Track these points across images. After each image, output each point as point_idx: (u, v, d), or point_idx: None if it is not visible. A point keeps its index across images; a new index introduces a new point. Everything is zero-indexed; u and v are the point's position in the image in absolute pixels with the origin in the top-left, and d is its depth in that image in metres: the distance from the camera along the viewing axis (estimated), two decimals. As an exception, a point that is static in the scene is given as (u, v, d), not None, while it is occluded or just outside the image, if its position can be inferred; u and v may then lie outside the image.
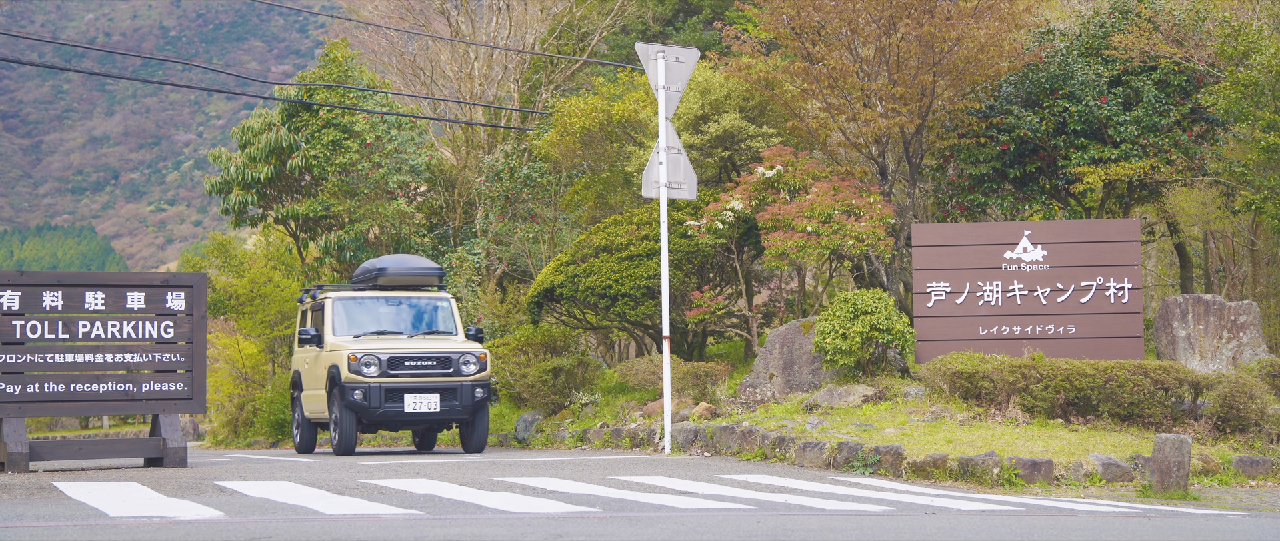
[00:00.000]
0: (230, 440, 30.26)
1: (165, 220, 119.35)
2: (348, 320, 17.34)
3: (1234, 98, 16.14)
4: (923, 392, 15.00)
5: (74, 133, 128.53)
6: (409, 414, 16.41)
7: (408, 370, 16.41)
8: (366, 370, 16.24)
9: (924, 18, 16.94)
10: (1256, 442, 13.44)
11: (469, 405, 16.61)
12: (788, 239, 16.93)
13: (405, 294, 17.90)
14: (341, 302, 17.52)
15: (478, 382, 16.71)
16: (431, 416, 16.57)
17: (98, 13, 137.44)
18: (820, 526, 8.25)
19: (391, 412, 16.31)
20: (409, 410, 16.36)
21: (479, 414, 16.88)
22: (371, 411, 16.21)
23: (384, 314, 17.67)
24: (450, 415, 16.62)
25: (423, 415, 16.49)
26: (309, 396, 17.79)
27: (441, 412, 16.50)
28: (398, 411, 16.33)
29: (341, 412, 16.32)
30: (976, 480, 12.06)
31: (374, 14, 29.97)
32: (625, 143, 21.55)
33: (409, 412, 16.39)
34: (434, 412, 16.48)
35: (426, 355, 16.59)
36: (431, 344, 16.96)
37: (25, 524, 7.95)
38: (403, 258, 18.66)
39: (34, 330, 13.12)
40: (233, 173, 25.99)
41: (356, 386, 16.20)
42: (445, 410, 16.49)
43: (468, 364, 16.68)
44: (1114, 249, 15.82)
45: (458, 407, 16.55)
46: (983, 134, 18.39)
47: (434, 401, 16.42)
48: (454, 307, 18.07)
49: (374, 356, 16.31)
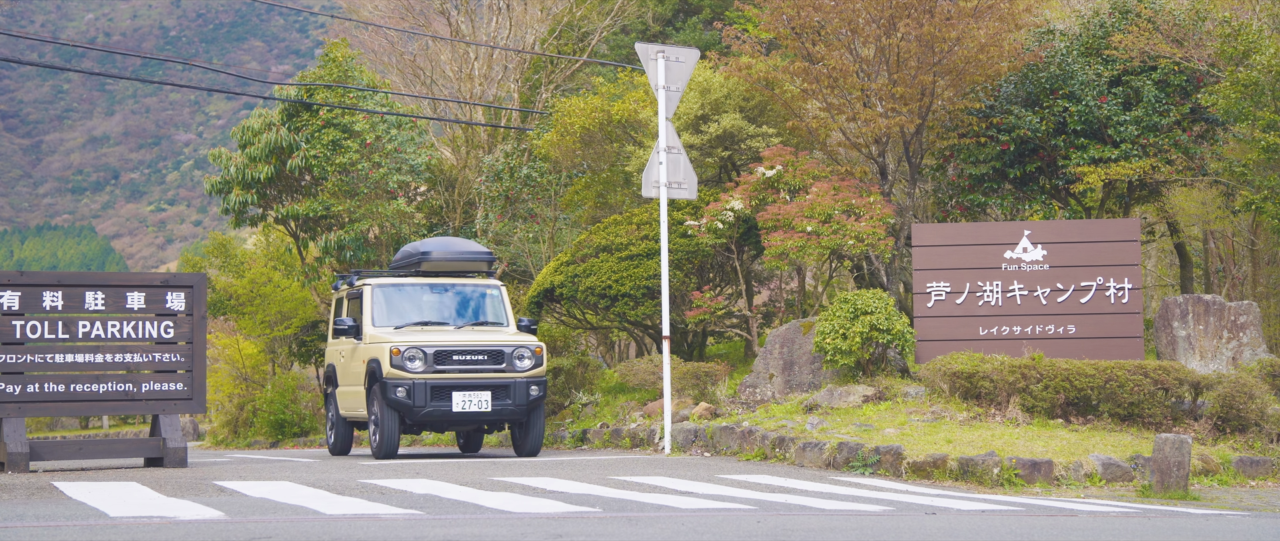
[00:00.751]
0: (230, 440, 30.26)
1: (165, 220, 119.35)
2: (388, 309, 15.86)
3: (1234, 98, 16.14)
4: (923, 392, 15.00)
5: (74, 133, 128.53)
6: (458, 413, 15.01)
7: (456, 364, 15.01)
8: (411, 364, 14.82)
9: (924, 18, 16.94)
10: (1256, 442, 13.44)
11: (523, 404, 15.24)
12: (788, 239, 16.93)
13: (451, 280, 16.43)
14: (382, 290, 16.01)
15: (532, 379, 15.33)
16: (482, 416, 15.20)
17: (98, 13, 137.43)
18: (820, 526, 8.25)
19: (438, 412, 14.94)
20: (458, 409, 14.97)
21: (534, 413, 15.52)
22: (416, 410, 14.83)
23: (428, 302, 16.18)
24: (502, 415, 15.25)
25: (473, 415, 15.13)
26: (345, 393, 16.41)
27: (493, 412, 15.13)
28: (445, 410, 14.94)
29: (383, 411, 14.95)
30: (976, 480, 12.07)
31: (374, 14, 29.97)
32: (625, 143, 21.55)
33: (458, 412, 15.00)
34: (485, 412, 15.10)
35: (477, 348, 15.13)
36: (482, 336, 15.53)
37: (25, 524, 7.95)
38: (449, 240, 17.24)
39: (34, 330, 13.12)
40: (233, 173, 25.99)
41: (399, 383, 14.79)
42: (497, 409, 15.12)
43: (522, 358, 15.28)
44: (1114, 249, 15.81)
45: (511, 406, 15.18)
46: (983, 134, 18.39)
47: (485, 399, 15.04)
48: (505, 296, 16.51)
49: (419, 349, 14.86)
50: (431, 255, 16.28)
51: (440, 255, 16.34)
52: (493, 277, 16.81)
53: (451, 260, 16.39)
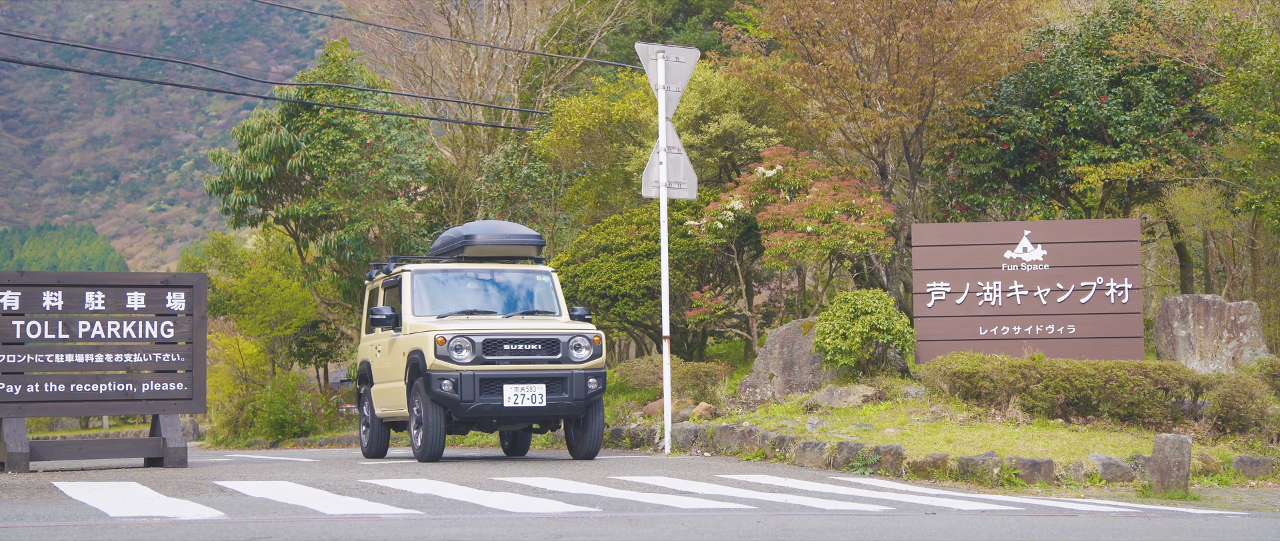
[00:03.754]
0: (230, 440, 30.26)
1: (165, 220, 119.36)
2: (430, 297, 14.60)
3: (1234, 98, 16.14)
4: (923, 392, 15.00)
5: (74, 133, 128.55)
6: (510, 409, 13.64)
7: (507, 355, 13.68)
8: (458, 355, 13.49)
9: (924, 18, 16.95)
10: (1256, 442, 13.44)
11: (581, 398, 13.87)
12: (788, 239, 16.93)
13: (497, 266, 15.19)
14: (422, 276, 14.76)
15: (591, 371, 13.95)
16: (536, 412, 13.85)
17: (98, 13, 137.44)
18: (820, 526, 8.25)
19: (488, 407, 13.58)
20: (510, 404, 13.59)
21: (592, 410, 14.19)
22: (464, 406, 13.48)
23: (473, 290, 14.93)
24: (558, 410, 13.90)
25: (526, 410, 13.75)
26: (382, 390, 15.15)
27: (548, 407, 13.75)
28: (496, 405, 13.57)
29: (427, 408, 13.65)
30: (976, 480, 12.07)
31: (374, 14, 29.97)
32: (625, 143, 21.55)
33: (510, 407, 13.62)
34: (539, 407, 13.72)
35: (530, 337, 13.82)
36: (534, 324, 14.21)
37: (25, 524, 7.94)
38: (495, 224, 15.98)
39: (34, 330, 13.12)
40: (233, 173, 25.99)
41: (445, 375, 13.44)
42: (552, 404, 13.74)
43: (579, 348, 13.94)
44: (1114, 249, 15.82)
45: (567, 401, 13.81)
46: (983, 134, 18.40)
47: (539, 393, 13.67)
48: (556, 282, 15.27)
49: (466, 338, 13.52)
50: (476, 238, 15.11)
51: (486, 238, 15.18)
52: (541, 263, 15.59)
53: (498, 244, 15.24)
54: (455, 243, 15.28)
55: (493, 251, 15.24)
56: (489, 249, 15.19)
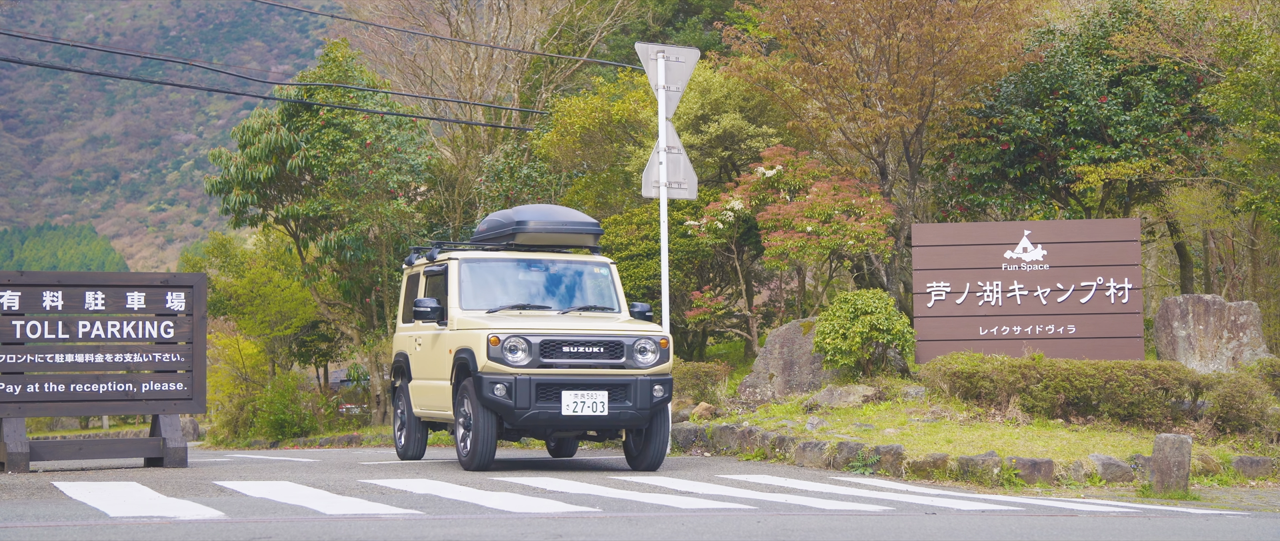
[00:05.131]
0: (230, 440, 30.26)
1: (165, 220, 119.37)
2: (479, 289, 13.32)
3: (1234, 98, 16.14)
4: (923, 392, 15.00)
5: (74, 133, 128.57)
6: (568, 417, 12.35)
7: (567, 358, 12.40)
8: (513, 357, 12.23)
9: (924, 18, 16.95)
10: (1256, 442, 13.45)
11: (646, 407, 12.55)
12: (788, 239, 16.93)
13: (551, 256, 13.81)
14: (471, 265, 13.45)
15: (657, 377, 12.65)
16: (597, 422, 12.53)
17: (98, 13, 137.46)
18: (820, 526, 8.26)
19: (544, 416, 12.32)
20: (568, 412, 12.32)
21: (658, 419, 12.88)
22: (519, 412, 12.23)
23: (525, 282, 13.63)
24: (621, 420, 12.57)
25: (586, 420, 12.45)
26: (421, 388, 14.07)
27: (610, 416, 12.45)
28: (553, 414, 12.32)
29: (477, 412, 12.41)
30: (976, 480, 12.07)
31: (374, 14, 29.97)
32: (625, 143, 21.55)
33: (568, 416, 12.34)
34: (600, 416, 12.43)
35: (591, 338, 12.54)
36: (595, 323, 12.96)
37: (25, 524, 7.94)
38: (548, 208, 14.54)
39: (34, 330, 13.11)
40: (233, 173, 25.99)
41: (499, 379, 12.21)
42: (615, 413, 12.45)
43: (644, 351, 12.61)
44: (1114, 249, 15.82)
45: (631, 410, 12.50)
46: (983, 134, 18.40)
47: (600, 401, 12.41)
48: (615, 275, 13.94)
49: (522, 338, 12.26)
50: (528, 225, 13.65)
51: (539, 225, 13.71)
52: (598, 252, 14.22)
53: (552, 231, 13.79)
54: (504, 229, 13.84)
55: (546, 239, 13.83)
56: (541, 237, 13.78)
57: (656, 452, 12.98)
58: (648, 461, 12.97)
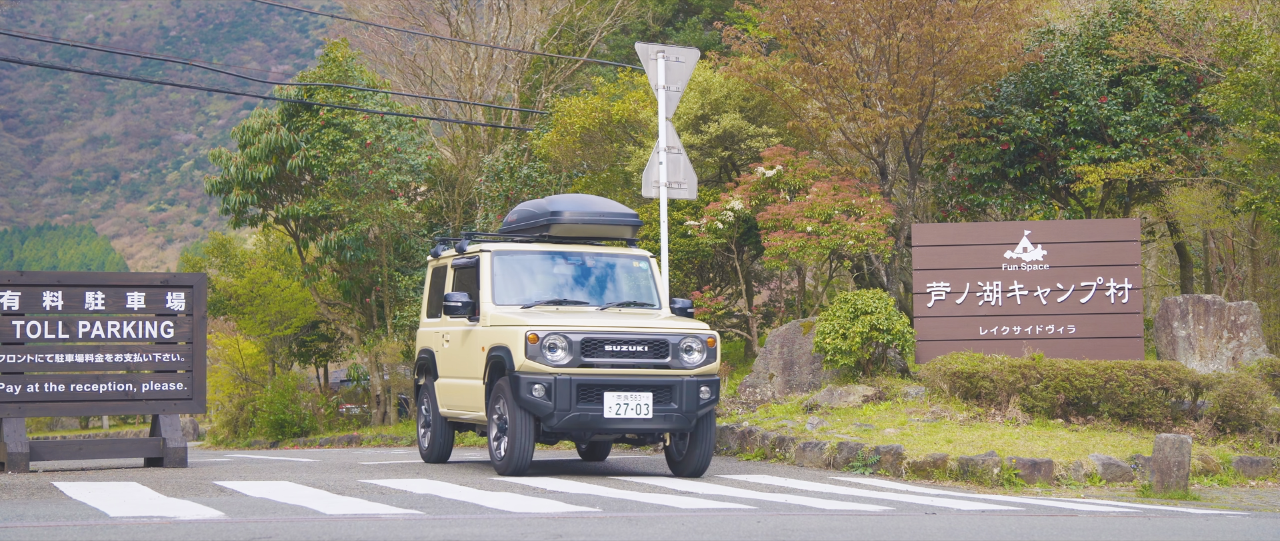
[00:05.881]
0: (230, 440, 30.26)
1: (165, 220, 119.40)
2: (513, 283, 12.63)
3: (1234, 98, 16.14)
4: (923, 392, 15.01)
5: (74, 133, 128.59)
6: (610, 420, 11.68)
7: (609, 357, 11.70)
8: (552, 355, 11.56)
9: (924, 18, 16.95)
10: (1256, 442, 13.45)
11: (692, 410, 11.83)
12: (788, 239, 16.93)
13: (588, 248, 13.13)
14: (505, 259, 12.75)
15: (703, 378, 11.94)
16: (640, 425, 11.82)
17: (98, 13, 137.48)
18: (820, 526, 8.26)
19: (586, 417, 11.66)
20: (610, 415, 11.64)
21: (704, 423, 12.09)
22: (558, 414, 11.57)
23: (561, 275, 12.91)
24: (666, 423, 11.85)
25: (629, 423, 11.75)
26: (449, 387, 13.31)
27: (654, 419, 11.76)
28: (595, 416, 11.65)
29: (513, 414, 11.70)
30: (976, 480, 12.07)
31: (374, 14, 29.97)
32: (625, 143, 21.55)
33: (611, 419, 11.67)
34: (644, 420, 11.74)
35: (634, 336, 11.82)
36: (638, 320, 12.19)
37: (25, 524, 7.94)
38: (584, 198, 13.78)
39: (34, 330, 13.11)
40: (233, 173, 25.99)
41: (537, 379, 11.53)
42: (660, 416, 11.75)
43: (690, 351, 11.90)
44: (1114, 249, 15.82)
45: (677, 413, 11.79)
46: (983, 134, 18.40)
47: (645, 404, 11.71)
48: (655, 269, 13.26)
49: (562, 336, 11.58)
50: (563, 216, 12.95)
51: (574, 216, 13.01)
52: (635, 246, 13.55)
53: (588, 222, 13.09)
54: (537, 219, 13.08)
55: (582, 231, 13.12)
56: (577, 228, 13.05)
57: (702, 458, 12.23)
58: (692, 467, 12.21)
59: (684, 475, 12.22)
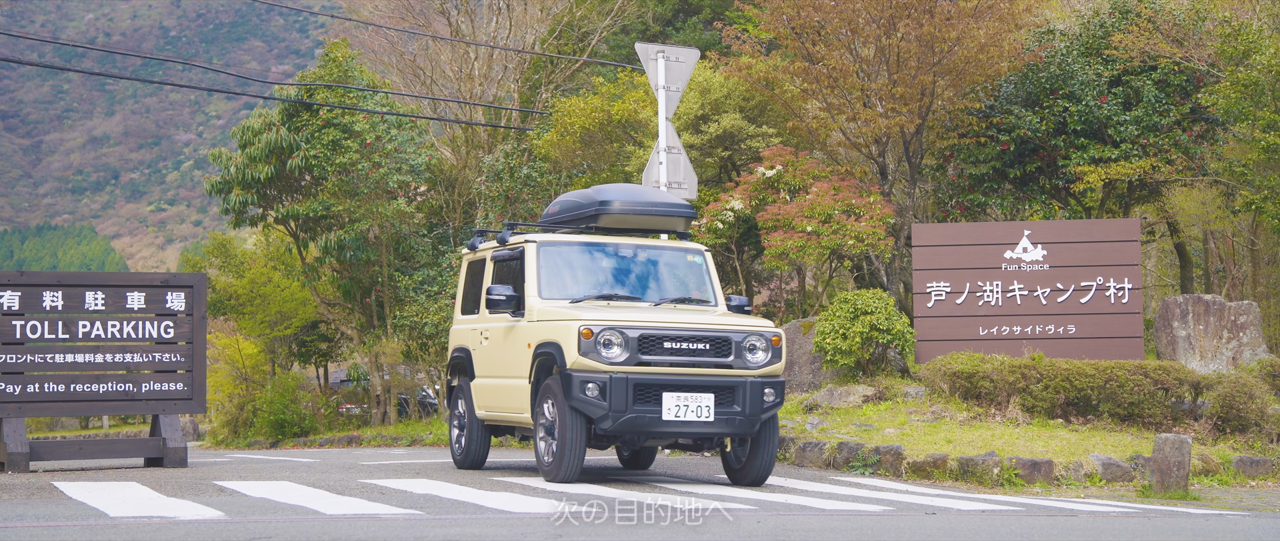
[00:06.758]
0: (230, 440, 30.26)
1: (165, 220, 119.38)
2: (560, 276, 11.85)
3: (1234, 98, 16.14)
4: (923, 392, 15.01)
5: (74, 133, 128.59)
6: (669, 422, 10.84)
7: (668, 355, 10.89)
8: (607, 352, 10.74)
9: (924, 18, 16.95)
10: (1256, 442, 13.45)
11: (755, 414, 11.01)
12: (788, 239, 16.93)
13: (638, 240, 12.32)
14: (552, 250, 11.94)
15: (767, 379, 11.13)
16: (701, 430, 11.00)
17: (98, 13, 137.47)
18: (820, 526, 8.26)
19: (643, 420, 10.81)
20: (669, 417, 10.80)
21: (766, 428, 11.28)
22: (612, 415, 10.72)
23: (611, 269, 12.11)
24: (727, 427, 11.03)
25: (688, 426, 10.92)
26: (486, 387, 12.54)
27: (715, 423, 10.93)
28: (653, 418, 10.81)
29: (563, 416, 10.88)
30: (976, 480, 12.07)
31: (374, 14, 29.96)
32: (625, 143, 21.54)
33: (670, 421, 10.83)
34: (704, 423, 10.91)
35: (695, 333, 11.01)
36: (697, 317, 11.32)
37: (25, 524, 7.94)
38: (633, 188, 13.04)
39: (34, 330, 13.11)
40: (233, 173, 25.98)
41: (591, 377, 10.70)
42: (721, 419, 10.93)
43: (754, 349, 11.12)
44: (1114, 249, 15.82)
45: (739, 416, 10.96)
46: (983, 134, 18.40)
47: (706, 406, 10.88)
48: (711, 263, 12.46)
49: (618, 332, 10.77)
50: (612, 206, 12.12)
51: (624, 206, 12.19)
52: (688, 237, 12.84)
53: (640, 213, 12.29)
54: (584, 209, 12.28)
55: (632, 222, 12.34)
56: (627, 219, 12.27)
57: (764, 466, 11.42)
58: (753, 475, 11.43)
59: (744, 484, 11.46)
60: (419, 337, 24.26)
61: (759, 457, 11.34)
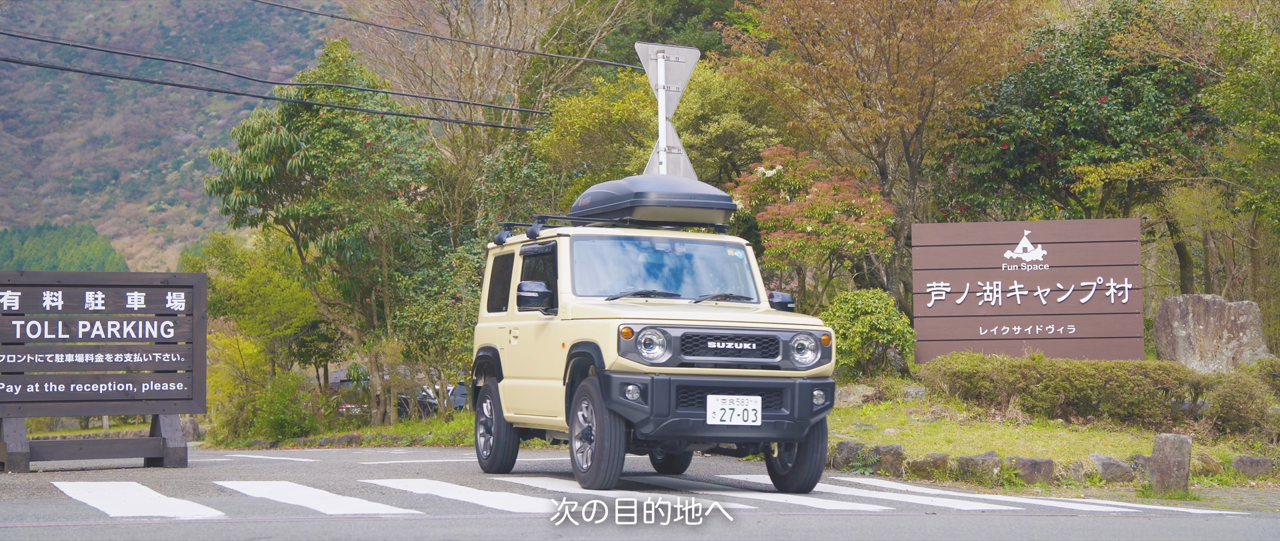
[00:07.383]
0: (230, 440, 30.26)
1: (165, 220, 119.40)
2: (595, 272, 11.23)
3: (1234, 98, 16.15)
4: (923, 392, 15.01)
5: (74, 133, 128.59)
6: (714, 426, 10.26)
7: (712, 355, 10.31)
8: (648, 352, 10.17)
9: (924, 18, 16.95)
10: (1256, 442, 13.45)
11: (805, 417, 10.43)
12: (788, 239, 16.93)
13: (676, 234, 11.74)
14: (584, 244, 11.33)
15: (816, 381, 10.53)
16: (747, 434, 10.41)
17: (98, 13, 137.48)
18: (820, 526, 8.26)
19: (686, 423, 10.23)
20: (714, 420, 10.23)
21: (815, 432, 10.69)
22: (654, 419, 10.15)
23: (647, 264, 11.49)
24: (775, 432, 10.42)
25: (734, 431, 10.34)
26: (516, 389, 11.96)
27: (763, 427, 10.34)
28: (696, 421, 10.23)
29: (603, 419, 10.31)
30: (976, 480, 12.07)
31: (374, 14, 29.96)
32: (625, 143, 21.55)
33: (714, 425, 10.25)
34: (751, 427, 10.33)
35: (741, 332, 10.41)
36: (742, 315, 10.72)
37: (25, 524, 7.94)
38: (670, 179, 12.47)
39: (34, 330, 13.11)
40: (233, 173, 25.98)
41: (631, 379, 10.13)
42: (769, 423, 10.33)
43: (802, 349, 10.52)
44: (1114, 249, 15.82)
45: (788, 420, 10.37)
46: (983, 134, 18.41)
47: (753, 409, 10.29)
48: (752, 258, 11.85)
49: (661, 331, 10.19)
50: (649, 198, 11.53)
51: (661, 198, 11.59)
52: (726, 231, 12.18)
53: (677, 205, 11.68)
54: (617, 202, 11.70)
55: (669, 215, 11.76)
56: (664, 212, 11.69)
57: (812, 472, 10.86)
58: (801, 482, 10.87)
59: (791, 490, 10.92)
60: (419, 337, 24.26)
61: (807, 463, 10.81)
